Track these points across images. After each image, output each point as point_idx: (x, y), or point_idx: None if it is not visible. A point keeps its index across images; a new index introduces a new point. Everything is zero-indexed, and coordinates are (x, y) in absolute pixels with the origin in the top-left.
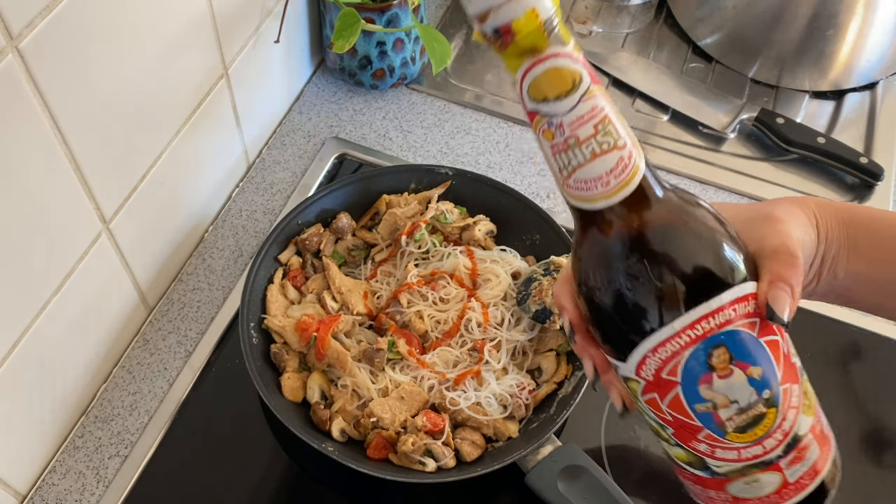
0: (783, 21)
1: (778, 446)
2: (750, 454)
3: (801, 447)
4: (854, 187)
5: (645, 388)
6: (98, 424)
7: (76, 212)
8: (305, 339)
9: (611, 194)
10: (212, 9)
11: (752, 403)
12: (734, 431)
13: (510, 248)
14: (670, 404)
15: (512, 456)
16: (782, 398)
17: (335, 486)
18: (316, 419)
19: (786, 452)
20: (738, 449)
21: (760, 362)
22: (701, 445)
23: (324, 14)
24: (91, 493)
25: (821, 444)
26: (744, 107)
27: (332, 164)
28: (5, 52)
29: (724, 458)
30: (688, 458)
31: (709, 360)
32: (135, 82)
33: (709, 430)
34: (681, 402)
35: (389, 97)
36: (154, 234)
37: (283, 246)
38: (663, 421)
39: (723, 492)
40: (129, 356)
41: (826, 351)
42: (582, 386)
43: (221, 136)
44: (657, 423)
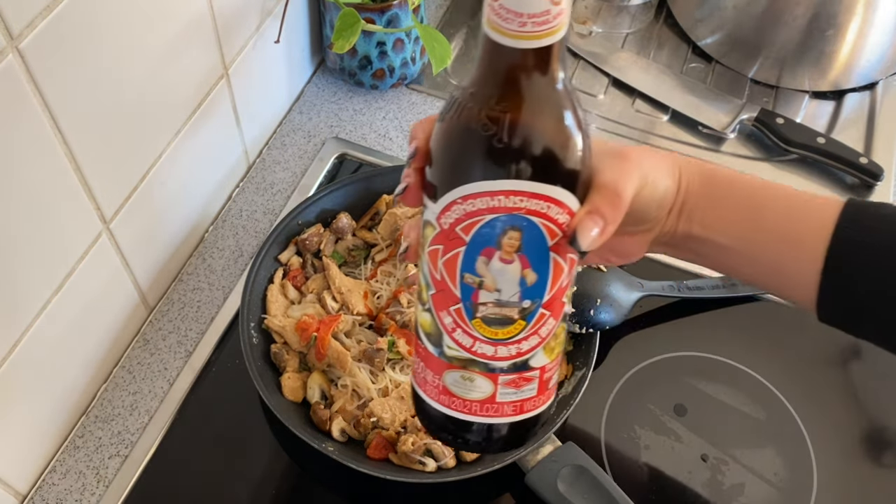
0: (783, 21)
1: (507, 360)
2: (480, 350)
3: (524, 377)
4: (854, 187)
5: (435, 237)
6: (98, 424)
7: (76, 212)
8: (305, 339)
9: (519, 36)
10: (212, 9)
11: (510, 303)
12: (481, 319)
13: None
14: (446, 263)
15: (512, 456)
16: (536, 319)
17: (335, 486)
18: (316, 419)
19: (509, 371)
20: (475, 339)
21: (539, 270)
22: (448, 318)
23: (324, 14)
24: (91, 493)
25: (540, 390)
26: (744, 107)
27: (332, 164)
28: (6, 52)
29: (459, 342)
30: (430, 328)
31: (501, 237)
32: (135, 82)
33: (462, 306)
34: (455, 264)
35: (389, 97)
36: (154, 234)
37: (284, 246)
38: (432, 279)
39: (439, 377)
40: (130, 356)
41: (826, 351)
42: (582, 386)
43: (222, 136)
44: (425, 281)
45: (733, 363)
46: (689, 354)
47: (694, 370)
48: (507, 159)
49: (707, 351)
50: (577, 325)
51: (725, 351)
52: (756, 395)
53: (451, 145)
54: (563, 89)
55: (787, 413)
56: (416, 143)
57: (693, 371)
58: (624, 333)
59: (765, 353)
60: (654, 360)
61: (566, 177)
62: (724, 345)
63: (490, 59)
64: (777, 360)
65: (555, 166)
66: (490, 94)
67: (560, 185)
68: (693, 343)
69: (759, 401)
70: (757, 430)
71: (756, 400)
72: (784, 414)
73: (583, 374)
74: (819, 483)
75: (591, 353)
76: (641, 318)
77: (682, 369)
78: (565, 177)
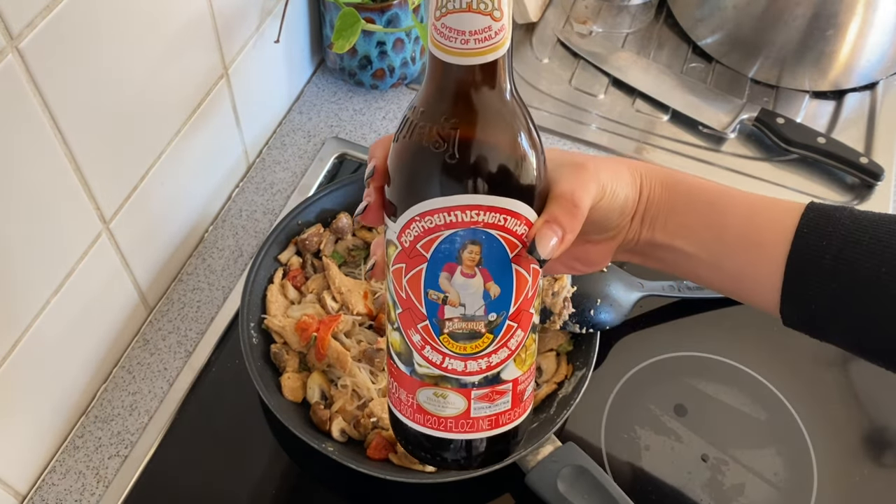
0: (783, 21)
1: (477, 374)
2: (450, 366)
3: (497, 390)
4: (854, 187)
5: (398, 255)
6: (98, 424)
7: (76, 212)
8: (305, 339)
9: (463, 53)
10: (212, 9)
11: (476, 317)
12: (448, 335)
13: None
14: (410, 280)
15: (512, 456)
16: (503, 332)
17: (335, 487)
18: (316, 419)
19: (481, 385)
20: (444, 355)
21: (502, 283)
22: (416, 336)
23: (324, 14)
24: (91, 493)
25: (515, 403)
26: (744, 107)
27: (332, 164)
28: (5, 52)
29: (428, 359)
30: (400, 347)
31: (461, 251)
32: (135, 82)
33: (429, 322)
34: (419, 281)
35: (389, 97)
36: (154, 234)
37: (283, 246)
38: (398, 298)
39: (412, 395)
40: (129, 356)
41: (826, 351)
42: (582, 386)
43: (221, 135)
44: (392, 300)
45: (733, 363)
46: (689, 354)
47: (694, 370)
48: (461, 174)
49: (707, 351)
50: (577, 325)
51: (725, 351)
52: (756, 395)
53: (405, 164)
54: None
55: (787, 413)
56: (375, 161)
57: (693, 371)
58: (624, 333)
59: (765, 353)
60: (654, 360)
61: (521, 188)
62: (724, 345)
63: (437, 77)
64: (777, 360)
65: (508, 178)
66: (439, 111)
67: (515, 196)
68: (693, 343)
69: (759, 401)
70: (757, 430)
71: (756, 400)
72: (784, 414)
73: (583, 374)
74: (819, 483)
75: (591, 353)
76: (641, 318)
77: (682, 369)
78: (520, 188)
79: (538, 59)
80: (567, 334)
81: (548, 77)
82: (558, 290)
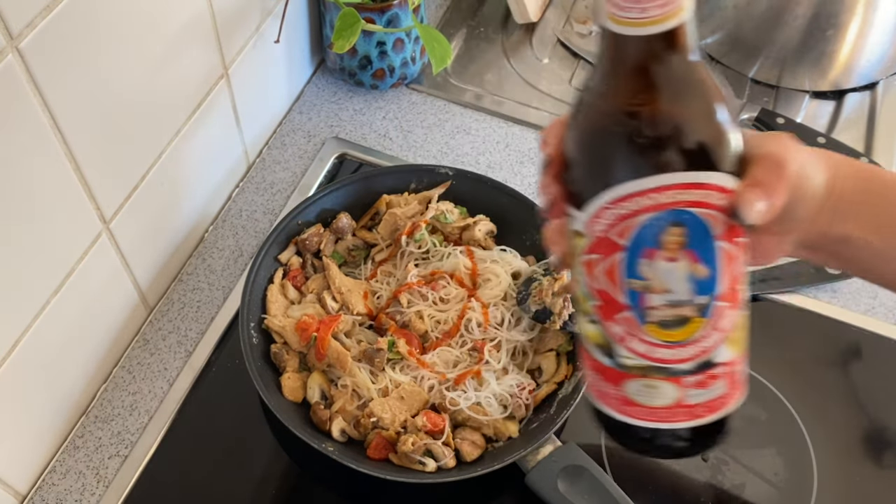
0: (783, 21)
1: (689, 360)
2: (659, 355)
3: (711, 375)
4: None
5: (589, 246)
6: (98, 424)
7: (76, 212)
8: (305, 339)
9: (643, 23)
10: (212, 9)
11: (683, 302)
12: (655, 324)
13: (510, 248)
14: (606, 271)
15: (512, 456)
16: (713, 313)
17: (335, 486)
18: (316, 419)
19: (694, 371)
20: (651, 345)
21: (709, 263)
22: (616, 327)
23: (324, 14)
24: (91, 493)
25: (730, 385)
26: (744, 107)
27: (332, 164)
28: (5, 52)
29: (633, 350)
30: (599, 339)
31: (661, 235)
32: (135, 82)
33: (631, 313)
34: (617, 271)
35: (389, 97)
36: (154, 234)
37: (284, 246)
38: (591, 290)
39: (618, 388)
40: (129, 356)
41: (826, 351)
42: (582, 386)
43: (221, 135)
44: (584, 292)
45: None
46: None
47: None
48: (656, 153)
49: None
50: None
51: None
52: (756, 395)
53: (589, 149)
54: (697, 66)
55: (787, 413)
56: (548, 149)
57: None
58: None
59: (765, 354)
60: None
61: (721, 159)
62: None
63: (616, 53)
64: (777, 360)
65: (707, 150)
66: (622, 89)
67: (717, 168)
68: None
69: (759, 401)
70: (757, 430)
71: (756, 400)
72: (784, 414)
73: (583, 374)
74: (819, 483)
75: None
76: None
77: None
78: (721, 159)
79: (538, 59)
80: (567, 334)
81: (548, 77)
82: (558, 290)
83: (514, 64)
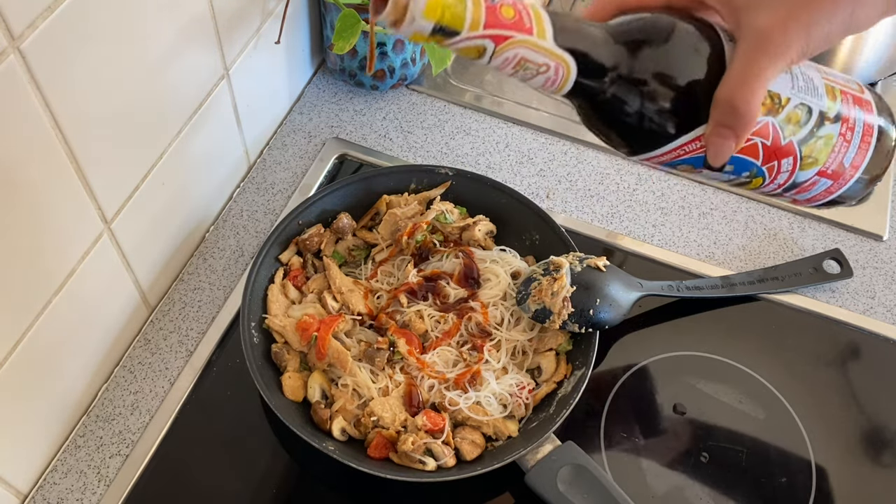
0: None
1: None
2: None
3: (804, 188)
4: None
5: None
6: (99, 424)
7: (77, 212)
8: (306, 339)
9: (560, 89)
10: (212, 10)
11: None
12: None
13: (510, 248)
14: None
15: (512, 455)
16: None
17: (336, 486)
18: (316, 418)
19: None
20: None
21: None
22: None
23: (324, 15)
24: (92, 493)
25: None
26: None
27: (332, 165)
28: (7, 52)
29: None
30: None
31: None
32: (136, 83)
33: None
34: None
35: (390, 98)
36: (155, 234)
37: (284, 246)
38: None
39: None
40: (131, 356)
41: (824, 351)
42: (581, 385)
43: (222, 136)
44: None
45: (733, 363)
46: (689, 354)
47: (693, 370)
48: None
49: (706, 351)
50: (576, 324)
51: (725, 351)
52: (755, 395)
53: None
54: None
55: (786, 413)
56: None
57: (692, 371)
58: (623, 333)
59: (764, 353)
60: (654, 360)
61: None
62: (723, 345)
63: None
64: (777, 360)
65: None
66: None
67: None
68: (692, 343)
69: (758, 401)
70: (756, 430)
71: (755, 400)
72: (783, 414)
73: (582, 373)
74: (818, 483)
75: (590, 352)
76: (641, 317)
77: (681, 369)
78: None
79: None
80: (566, 334)
81: None
82: (558, 289)
83: None
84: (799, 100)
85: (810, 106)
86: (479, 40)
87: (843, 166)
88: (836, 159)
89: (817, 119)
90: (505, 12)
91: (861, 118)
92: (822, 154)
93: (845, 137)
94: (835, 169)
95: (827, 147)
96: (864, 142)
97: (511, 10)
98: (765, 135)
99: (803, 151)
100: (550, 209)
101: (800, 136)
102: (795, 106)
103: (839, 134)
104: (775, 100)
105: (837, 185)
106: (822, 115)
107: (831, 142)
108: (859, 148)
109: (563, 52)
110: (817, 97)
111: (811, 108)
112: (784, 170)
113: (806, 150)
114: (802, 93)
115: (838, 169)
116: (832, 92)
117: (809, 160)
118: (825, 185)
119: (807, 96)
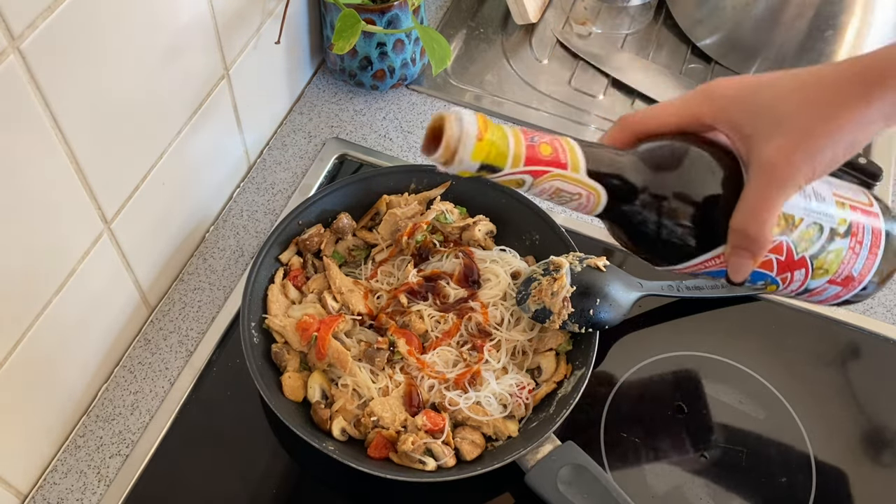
0: (782, 21)
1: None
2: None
3: (815, 293)
4: None
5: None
6: (99, 424)
7: (78, 212)
8: (306, 339)
9: (592, 212)
10: (212, 10)
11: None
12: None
13: (510, 248)
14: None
15: (512, 455)
16: (783, 281)
17: (336, 486)
18: (316, 418)
19: (802, 293)
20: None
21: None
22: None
23: (324, 15)
24: (92, 493)
25: (831, 297)
26: None
27: (332, 165)
28: (7, 52)
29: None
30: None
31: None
32: (136, 83)
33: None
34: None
35: (390, 98)
36: (155, 234)
37: (284, 246)
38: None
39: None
40: (131, 356)
41: (825, 351)
42: (581, 385)
43: (222, 136)
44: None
45: (733, 363)
46: (689, 354)
47: (693, 370)
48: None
49: (706, 351)
50: (576, 324)
51: (725, 351)
52: (755, 395)
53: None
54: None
55: (786, 413)
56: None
57: (692, 371)
58: (623, 333)
59: (764, 353)
60: (654, 360)
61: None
62: (723, 345)
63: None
64: (777, 360)
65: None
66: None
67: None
68: (692, 343)
69: (758, 401)
70: (757, 430)
71: (755, 400)
72: (783, 414)
73: (582, 373)
74: (819, 483)
75: (590, 352)
76: (641, 317)
77: (681, 369)
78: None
79: (538, 60)
80: (566, 334)
81: (547, 78)
82: (558, 289)
83: (514, 65)
84: (812, 219)
85: (822, 224)
86: (519, 175)
87: (853, 275)
88: (845, 269)
89: (828, 235)
90: (543, 150)
91: (869, 230)
92: (832, 266)
93: (854, 251)
94: (845, 277)
95: (837, 259)
96: (871, 252)
97: (549, 147)
98: (779, 251)
99: (815, 264)
100: (550, 209)
101: (812, 251)
102: (808, 225)
103: (848, 248)
104: (789, 221)
105: (847, 290)
106: (832, 232)
107: (841, 255)
108: (867, 259)
109: (595, 182)
110: (828, 215)
111: (822, 225)
112: (797, 279)
113: (817, 263)
114: (814, 212)
115: (848, 277)
116: (842, 207)
117: (821, 271)
118: (835, 291)
119: (818, 215)
